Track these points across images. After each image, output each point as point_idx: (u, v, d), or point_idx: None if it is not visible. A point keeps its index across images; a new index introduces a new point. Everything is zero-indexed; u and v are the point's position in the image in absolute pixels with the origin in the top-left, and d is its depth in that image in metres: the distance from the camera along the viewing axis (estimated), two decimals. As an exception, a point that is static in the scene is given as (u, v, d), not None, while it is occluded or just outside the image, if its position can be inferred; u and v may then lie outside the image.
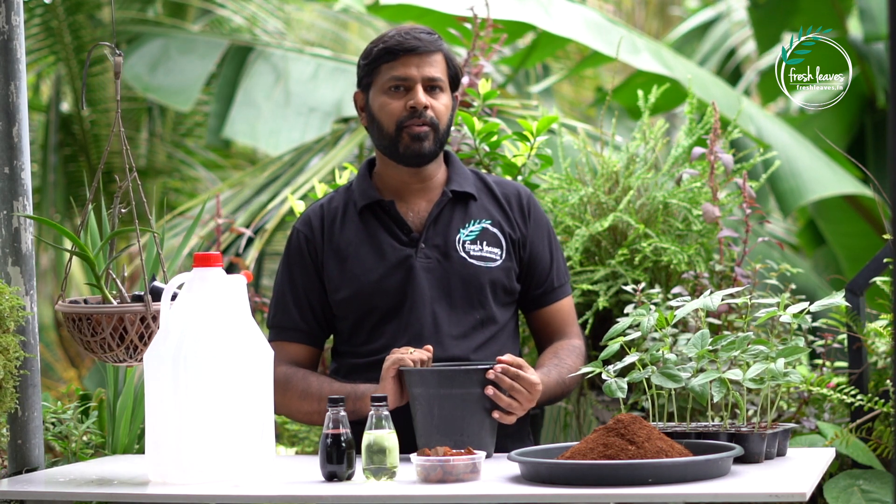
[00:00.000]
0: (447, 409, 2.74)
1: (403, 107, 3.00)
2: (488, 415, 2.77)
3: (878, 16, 7.22)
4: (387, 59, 3.01)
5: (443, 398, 2.74)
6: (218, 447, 2.59)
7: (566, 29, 5.72)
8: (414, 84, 3.00)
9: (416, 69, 3.00)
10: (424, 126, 3.00)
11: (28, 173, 2.92)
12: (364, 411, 2.80)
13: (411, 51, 2.99)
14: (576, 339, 3.11)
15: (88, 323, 2.72)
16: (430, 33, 3.04)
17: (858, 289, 3.46)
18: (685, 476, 2.38)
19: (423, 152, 3.01)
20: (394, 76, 3.00)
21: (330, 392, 2.93)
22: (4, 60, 2.90)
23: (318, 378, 3.00)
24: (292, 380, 2.98)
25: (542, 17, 5.64)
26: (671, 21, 11.39)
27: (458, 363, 2.92)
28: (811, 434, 3.38)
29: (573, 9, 5.88)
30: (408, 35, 3.01)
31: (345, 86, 6.94)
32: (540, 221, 3.12)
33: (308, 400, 2.97)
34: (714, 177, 3.55)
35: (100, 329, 2.72)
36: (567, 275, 3.15)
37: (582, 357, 3.06)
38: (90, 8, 7.51)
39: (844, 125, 7.53)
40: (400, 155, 3.02)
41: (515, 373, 2.76)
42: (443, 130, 3.03)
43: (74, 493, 2.62)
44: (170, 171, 8.29)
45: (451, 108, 3.05)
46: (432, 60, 3.01)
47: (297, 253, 3.08)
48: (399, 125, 3.00)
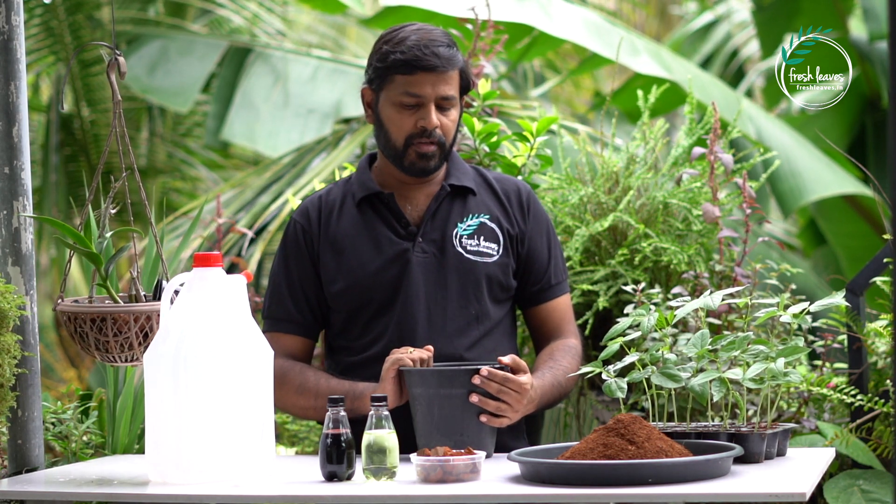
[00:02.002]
0: (447, 409, 2.74)
1: (414, 124, 2.99)
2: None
3: (881, 15, 7.22)
4: (402, 72, 2.97)
5: (443, 398, 2.75)
6: (218, 447, 2.59)
7: (566, 31, 5.71)
8: (427, 102, 2.97)
9: (430, 88, 2.97)
10: (433, 146, 3.00)
11: (28, 173, 2.92)
12: (362, 410, 2.79)
13: (429, 69, 2.97)
14: (572, 338, 3.10)
15: (114, 323, 2.72)
16: (450, 46, 2.99)
17: (858, 289, 3.46)
18: (685, 476, 2.38)
19: (428, 169, 3.02)
20: (408, 91, 2.97)
21: (327, 389, 2.93)
22: (4, 60, 2.90)
23: (315, 373, 2.99)
24: (289, 374, 2.97)
25: (542, 18, 5.64)
26: (671, 22, 11.39)
27: (458, 363, 2.92)
28: (811, 434, 3.38)
29: (573, 10, 5.88)
30: (426, 49, 2.96)
31: (344, 87, 6.93)
32: (539, 218, 3.12)
33: (305, 396, 2.97)
34: (714, 177, 3.56)
35: (125, 329, 2.72)
36: (565, 273, 3.15)
37: (578, 357, 3.06)
38: (90, 8, 7.52)
39: (845, 125, 7.53)
40: (405, 168, 3.02)
41: (504, 376, 2.76)
42: (449, 145, 3.03)
43: (74, 493, 2.62)
44: (170, 170, 8.29)
45: (458, 117, 3.05)
46: (448, 78, 2.98)
47: (294, 244, 3.08)
48: (407, 141, 3.00)
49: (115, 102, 2.84)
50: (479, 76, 3.88)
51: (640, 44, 5.91)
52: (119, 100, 2.84)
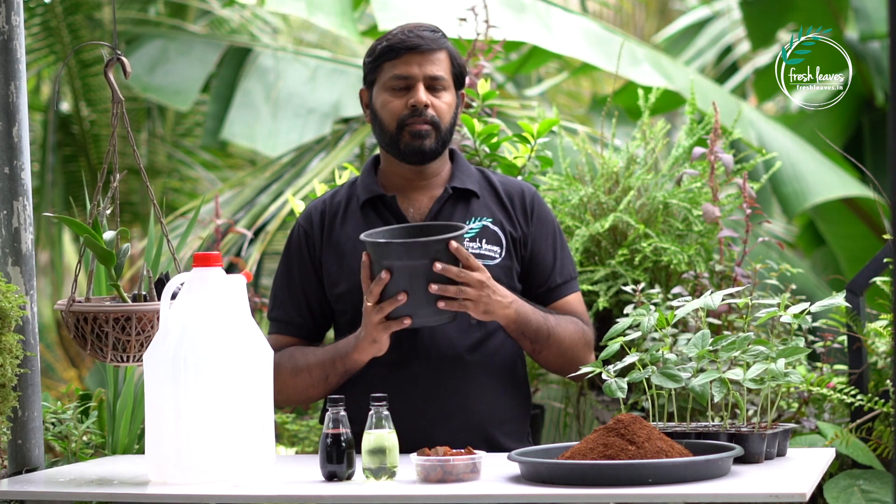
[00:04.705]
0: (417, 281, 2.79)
1: (404, 105, 3.00)
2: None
3: (872, 15, 7.22)
4: (389, 57, 3.01)
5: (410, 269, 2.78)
6: (218, 447, 2.59)
7: (566, 46, 5.67)
8: (415, 83, 3.00)
9: (417, 68, 3.00)
10: (426, 125, 3.00)
11: (28, 173, 2.92)
12: (352, 366, 2.89)
13: (413, 49, 3.00)
14: (585, 325, 3.09)
15: (139, 322, 2.73)
16: (435, 31, 3.04)
17: (858, 289, 3.47)
18: (685, 476, 2.38)
19: (425, 150, 3.01)
20: (395, 74, 3.01)
21: (314, 359, 2.97)
22: (4, 60, 2.90)
23: (301, 351, 3.02)
24: (281, 362, 2.98)
25: (542, 32, 5.60)
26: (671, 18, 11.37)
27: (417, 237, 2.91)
28: (811, 434, 3.39)
29: (572, 20, 5.84)
30: (411, 33, 3.01)
31: (343, 87, 6.93)
32: (544, 220, 3.11)
33: (300, 376, 2.99)
34: (714, 177, 3.56)
35: (149, 327, 2.73)
36: (574, 272, 3.13)
37: (582, 331, 3.03)
38: (89, 8, 7.51)
39: (841, 124, 7.54)
40: (401, 152, 3.03)
41: (465, 260, 2.81)
42: (445, 128, 3.03)
43: (74, 493, 2.62)
44: (169, 171, 8.29)
45: (454, 105, 3.05)
46: (435, 59, 3.01)
47: (297, 247, 3.09)
48: (400, 123, 3.01)
49: (115, 103, 2.84)
50: (479, 76, 3.88)
51: (641, 52, 5.88)
52: (121, 99, 2.84)
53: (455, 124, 3.07)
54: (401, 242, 2.79)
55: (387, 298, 2.81)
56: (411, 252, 2.78)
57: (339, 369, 2.94)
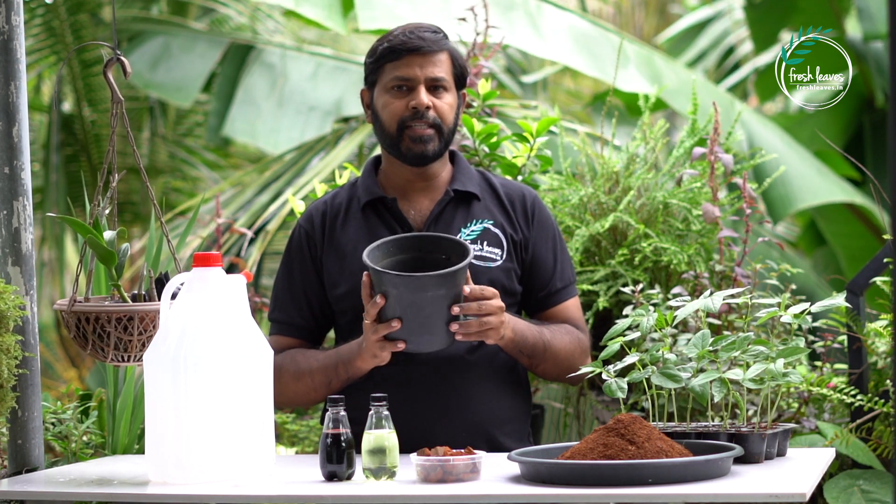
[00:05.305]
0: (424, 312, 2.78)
1: (405, 107, 3.00)
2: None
3: (875, 14, 7.21)
4: (391, 59, 3.01)
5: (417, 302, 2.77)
6: (218, 447, 2.59)
7: (551, 49, 5.63)
8: (417, 84, 3.00)
9: (419, 69, 3.00)
10: (428, 129, 3.00)
11: (28, 173, 2.92)
12: (354, 372, 2.89)
13: (415, 50, 2.99)
14: (581, 333, 3.09)
15: (141, 322, 2.73)
16: (436, 31, 3.04)
17: (858, 289, 3.46)
18: (685, 476, 2.38)
19: (427, 153, 3.01)
20: (397, 76, 3.01)
21: (317, 364, 2.97)
22: (4, 60, 2.90)
23: (303, 355, 3.01)
24: (283, 365, 2.98)
25: (529, 34, 5.54)
26: (671, 19, 11.36)
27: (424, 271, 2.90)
28: (811, 434, 3.39)
29: (563, 18, 5.78)
30: (412, 34, 3.01)
31: (345, 85, 6.93)
32: (545, 224, 3.11)
33: (302, 380, 2.99)
34: (714, 177, 3.56)
35: (151, 327, 2.73)
36: (573, 276, 3.14)
37: (578, 340, 3.03)
38: (92, 7, 7.51)
39: (842, 124, 7.52)
40: (402, 154, 3.03)
41: (480, 293, 2.81)
42: (447, 130, 3.03)
43: (74, 493, 2.62)
44: (171, 170, 8.29)
45: (455, 106, 3.05)
46: (436, 60, 3.01)
47: (298, 249, 3.10)
48: (401, 125, 3.01)
49: (115, 102, 2.84)
50: (479, 76, 3.88)
51: (632, 52, 5.81)
52: (120, 99, 2.84)
53: (457, 125, 3.07)
54: (395, 274, 2.77)
55: (384, 321, 2.81)
56: (408, 284, 2.76)
57: (341, 375, 2.94)
